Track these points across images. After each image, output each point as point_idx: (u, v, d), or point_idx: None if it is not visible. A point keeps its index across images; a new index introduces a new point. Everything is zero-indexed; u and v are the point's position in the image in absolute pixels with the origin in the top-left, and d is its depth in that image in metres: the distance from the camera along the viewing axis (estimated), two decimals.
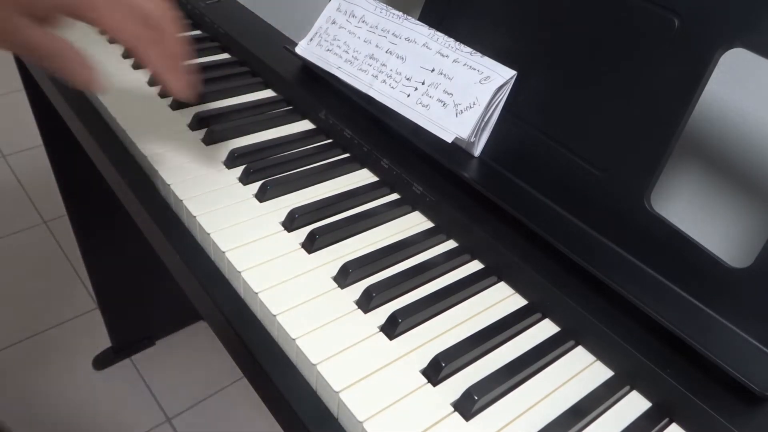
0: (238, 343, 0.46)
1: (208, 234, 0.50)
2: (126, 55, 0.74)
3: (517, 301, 0.49)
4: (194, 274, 0.50)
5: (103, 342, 1.31)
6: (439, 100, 0.56)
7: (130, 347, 1.34)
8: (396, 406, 0.40)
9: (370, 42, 0.62)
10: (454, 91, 0.56)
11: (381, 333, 0.44)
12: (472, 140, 0.55)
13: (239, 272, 0.47)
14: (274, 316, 0.44)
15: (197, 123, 0.63)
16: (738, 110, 0.54)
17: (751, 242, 0.55)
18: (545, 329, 0.47)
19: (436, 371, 0.42)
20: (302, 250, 0.50)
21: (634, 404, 0.43)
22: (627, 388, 0.44)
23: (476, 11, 0.58)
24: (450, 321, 0.46)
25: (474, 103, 0.54)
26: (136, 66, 0.72)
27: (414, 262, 0.51)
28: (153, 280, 1.21)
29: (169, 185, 0.55)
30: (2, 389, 1.24)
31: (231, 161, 0.59)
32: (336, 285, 0.48)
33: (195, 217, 0.52)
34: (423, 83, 0.57)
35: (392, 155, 0.58)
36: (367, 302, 0.46)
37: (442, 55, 0.57)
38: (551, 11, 0.53)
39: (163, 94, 0.67)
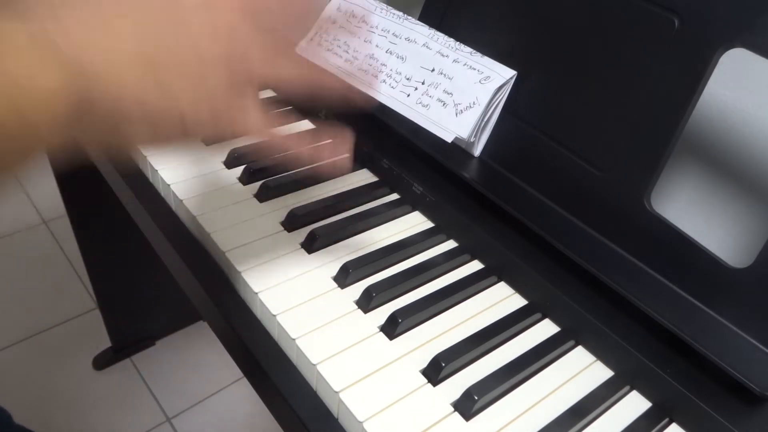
0: (238, 343, 0.46)
1: (209, 234, 0.50)
2: None
3: (517, 301, 0.49)
4: (194, 274, 0.50)
5: (103, 342, 1.31)
6: (439, 100, 0.56)
7: (130, 347, 1.34)
8: (396, 406, 0.40)
9: (370, 42, 0.62)
10: (454, 90, 0.55)
11: (381, 333, 0.44)
12: (472, 140, 0.55)
13: (239, 272, 0.47)
14: (274, 316, 0.44)
15: None
16: (738, 110, 0.54)
17: (751, 242, 0.55)
18: (545, 329, 0.47)
19: (436, 371, 0.42)
20: (302, 250, 0.50)
21: (634, 404, 0.43)
22: (627, 388, 0.44)
23: (476, 11, 0.58)
24: (450, 321, 0.46)
25: (474, 103, 0.54)
26: None
27: (414, 262, 0.51)
28: (153, 280, 1.20)
29: (169, 185, 0.55)
30: (2, 389, 1.24)
31: (231, 161, 0.58)
32: (336, 285, 0.48)
33: (195, 217, 0.52)
34: (423, 83, 0.57)
35: (392, 155, 0.58)
36: (367, 302, 0.46)
37: (442, 55, 0.57)
38: (551, 11, 0.53)
39: None
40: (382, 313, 0.45)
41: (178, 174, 0.56)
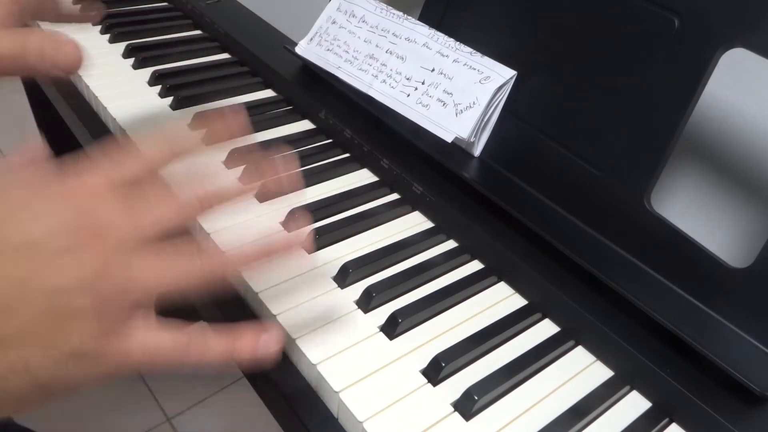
0: None
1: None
2: (126, 55, 0.73)
3: (517, 301, 0.49)
4: None
5: None
6: (439, 100, 0.56)
7: None
8: (396, 406, 0.40)
9: (370, 42, 0.62)
10: (454, 90, 0.56)
11: (381, 333, 0.44)
12: (472, 140, 0.55)
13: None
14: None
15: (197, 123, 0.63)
16: (738, 110, 0.54)
17: (751, 242, 0.55)
18: (545, 329, 0.47)
19: (436, 371, 0.42)
20: (302, 251, 0.50)
21: (634, 404, 0.43)
22: (627, 388, 0.44)
23: (476, 11, 0.58)
24: (450, 321, 0.46)
25: (474, 103, 0.54)
26: (136, 66, 0.72)
27: (414, 262, 0.51)
28: None
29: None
30: None
31: (231, 161, 0.58)
32: (336, 285, 0.48)
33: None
34: (423, 83, 0.57)
35: (392, 155, 0.58)
36: (367, 302, 0.46)
37: (442, 55, 0.57)
38: (551, 11, 0.53)
39: (163, 95, 0.67)
40: (382, 313, 0.45)
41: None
